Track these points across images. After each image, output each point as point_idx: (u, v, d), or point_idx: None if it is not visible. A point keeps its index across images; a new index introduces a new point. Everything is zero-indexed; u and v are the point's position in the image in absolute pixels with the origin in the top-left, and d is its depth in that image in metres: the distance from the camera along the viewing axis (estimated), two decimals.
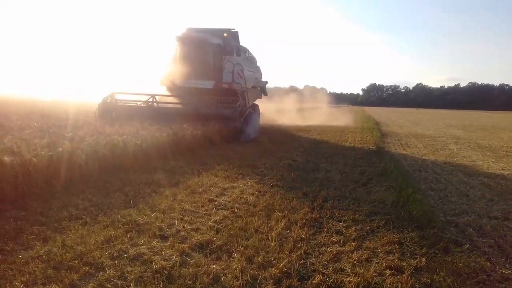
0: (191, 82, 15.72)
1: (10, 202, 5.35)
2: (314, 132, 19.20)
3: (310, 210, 5.87)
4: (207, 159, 9.82)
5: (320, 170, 9.21)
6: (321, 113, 35.97)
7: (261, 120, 21.97)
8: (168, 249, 4.24)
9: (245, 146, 13.03)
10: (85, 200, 5.76)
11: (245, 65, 17.57)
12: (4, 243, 4.15)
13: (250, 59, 19.57)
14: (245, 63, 17.89)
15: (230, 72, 16.14)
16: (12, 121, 11.03)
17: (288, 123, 23.63)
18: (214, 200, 6.21)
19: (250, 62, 19.37)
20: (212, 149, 11.74)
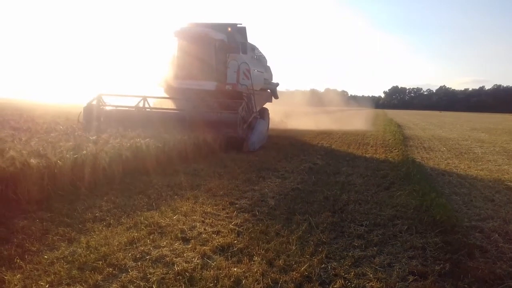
0: (190, 83, 13.87)
1: (36, 204, 5.48)
2: (335, 136, 19.08)
3: (331, 214, 5.84)
4: (228, 162, 9.86)
5: (341, 173, 9.15)
6: (341, 116, 35.73)
7: (280, 124, 21.85)
8: (190, 251, 4.28)
9: (265, 149, 13.04)
10: (108, 202, 5.86)
11: (253, 65, 15.77)
12: (30, 244, 4.25)
13: (259, 58, 17.67)
14: (253, 62, 16.03)
15: (235, 72, 14.10)
16: (38, 125, 11.31)
17: (308, 127, 23.50)
18: (234, 203, 6.23)
19: (258, 61, 17.48)
20: (232, 152, 11.79)
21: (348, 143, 16.12)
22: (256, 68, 16.37)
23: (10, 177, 5.28)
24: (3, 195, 5.22)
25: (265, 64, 18.89)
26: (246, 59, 14.80)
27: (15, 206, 5.30)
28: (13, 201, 5.34)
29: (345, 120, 31.44)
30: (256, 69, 16.17)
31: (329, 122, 27.03)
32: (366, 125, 29.32)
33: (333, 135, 19.14)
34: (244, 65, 14.43)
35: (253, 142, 12.62)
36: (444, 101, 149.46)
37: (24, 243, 4.24)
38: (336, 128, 22.98)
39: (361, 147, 14.71)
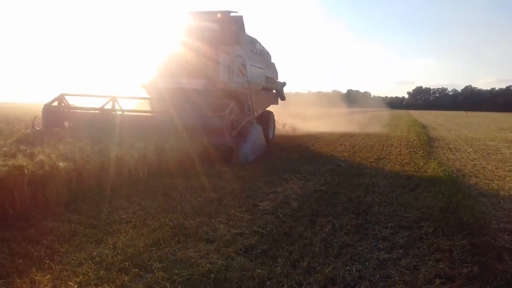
0: (176, 82, 11.72)
1: (65, 206, 5.62)
2: (357, 137, 18.91)
3: (355, 216, 5.80)
4: (250, 165, 9.90)
5: (365, 175, 9.07)
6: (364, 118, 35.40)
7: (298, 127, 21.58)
8: (214, 252, 4.31)
9: (287, 151, 13.02)
10: (134, 204, 5.97)
11: (251, 60, 13.52)
12: (59, 245, 4.36)
13: (260, 54, 15.24)
14: (251, 57, 13.71)
15: (227, 66, 11.93)
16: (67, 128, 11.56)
17: (329, 129, 23.34)
18: (257, 205, 6.25)
19: (259, 56, 14.99)
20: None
21: (371, 144, 15.96)
22: (256, 64, 14.13)
23: (39, 180, 5.43)
24: (33, 197, 5.37)
25: (268, 61, 16.45)
26: (241, 52, 12.56)
27: (44, 208, 5.44)
28: (42, 203, 5.48)
29: (368, 121, 31.14)
30: (255, 65, 13.97)
31: (351, 124, 26.80)
32: (390, 126, 28.97)
33: (356, 137, 18.97)
34: (239, 60, 12.32)
35: (245, 152, 10.36)
36: (469, 101, 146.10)
37: (53, 244, 4.35)
38: (358, 130, 22.76)
39: (385, 149, 14.54)
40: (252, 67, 13.51)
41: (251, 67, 13.32)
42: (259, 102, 14.47)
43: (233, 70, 12.06)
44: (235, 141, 10.48)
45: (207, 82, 11.54)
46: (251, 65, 13.28)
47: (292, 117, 22.82)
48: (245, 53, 12.91)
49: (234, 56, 12.10)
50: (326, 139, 17.57)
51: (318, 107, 34.15)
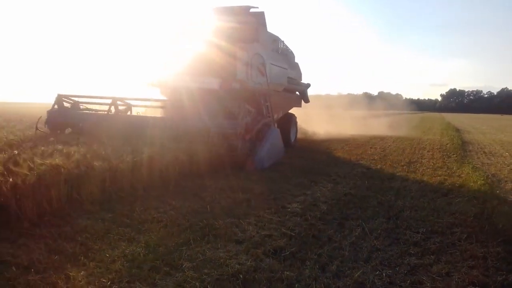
0: (189, 81, 11.06)
1: (99, 204, 5.77)
2: (388, 140, 18.61)
3: (385, 220, 5.72)
4: (279, 167, 9.90)
5: (396, 179, 8.93)
6: (395, 120, 34.81)
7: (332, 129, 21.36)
8: (243, 253, 4.34)
9: (316, 153, 12.96)
10: (165, 204, 6.07)
11: (272, 58, 12.60)
12: (93, 242, 4.48)
13: (283, 53, 14.51)
14: (272, 56, 12.87)
15: (245, 65, 11.12)
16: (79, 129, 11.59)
17: (360, 131, 23.03)
18: (286, 207, 6.26)
19: (282, 56, 14.19)
20: (283, 156, 11.82)
21: (402, 147, 15.68)
22: (277, 63, 13.16)
23: (75, 179, 5.60)
24: (69, 196, 5.54)
25: (292, 61, 15.61)
26: (261, 50, 11.71)
27: (79, 206, 5.61)
28: (77, 201, 5.65)
29: (399, 124, 30.59)
30: (276, 64, 13.01)
31: (382, 126, 26.38)
32: (422, 129, 28.39)
33: (387, 140, 18.68)
34: (258, 58, 11.42)
35: (260, 157, 9.51)
36: (506, 103, 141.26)
37: (87, 242, 4.48)
38: (389, 133, 22.38)
39: (417, 152, 14.26)
40: (273, 67, 12.60)
41: (272, 66, 12.46)
42: (280, 104, 13.71)
43: (251, 69, 11.24)
44: (249, 145, 9.57)
45: (223, 82, 10.86)
46: (271, 64, 12.38)
47: (321, 120, 22.65)
48: (265, 51, 12.13)
49: (253, 54, 11.28)
50: (356, 141, 17.37)
51: (348, 110, 33.79)
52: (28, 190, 4.97)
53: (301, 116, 19.79)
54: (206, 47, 11.23)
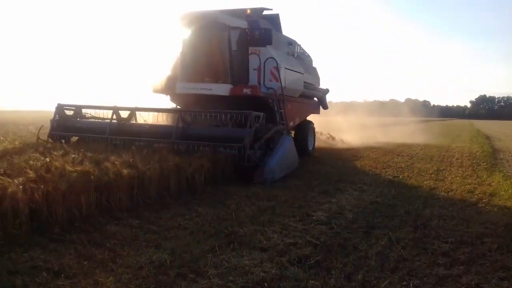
0: (196, 87, 10.54)
1: (127, 211, 5.90)
2: (416, 148, 18.29)
3: (413, 229, 5.63)
4: (304, 174, 9.88)
5: (424, 187, 8.77)
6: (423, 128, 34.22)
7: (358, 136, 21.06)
8: (268, 261, 4.35)
9: (343, 161, 12.86)
10: (191, 211, 6.14)
11: (286, 63, 11.96)
12: (121, 249, 4.57)
13: (299, 57, 13.99)
14: (287, 60, 12.31)
15: (255, 69, 10.69)
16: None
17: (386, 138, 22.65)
18: (311, 215, 6.23)
19: (298, 60, 13.65)
20: (308, 164, 11.78)
21: (430, 155, 15.40)
22: (293, 67, 12.46)
23: (104, 186, 5.74)
24: (98, 202, 5.68)
25: (309, 65, 14.99)
26: (274, 54, 11.07)
27: (108, 213, 5.74)
28: (106, 208, 5.79)
29: (427, 131, 30.03)
30: (292, 69, 12.32)
31: (409, 134, 25.95)
32: (451, 136, 27.81)
33: (414, 147, 18.36)
34: (271, 62, 10.84)
35: (271, 168, 8.69)
36: None
37: (115, 248, 4.57)
38: (417, 140, 21.98)
39: (445, 160, 13.98)
40: (288, 71, 11.91)
41: (287, 71, 11.79)
42: (296, 111, 13.07)
43: (263, 74, 10.80)
44: (259, 155, 8.82)
45: (233, 87, 10.30)
46: (286, 69, 11.72)
47: (346, 127, 22.49)
48: (279, 55, 11.60)
49: (266, 58, 10.78)
50: (383, 148, 17.14)
51: (375, 117, 33.46)
52: (59, 197, 5.12)
53: (324, 123, 19.70)
54: (215, 51, 10.58)
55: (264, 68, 10.70)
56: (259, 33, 10.44)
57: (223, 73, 10.50)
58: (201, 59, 10.72)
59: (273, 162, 8.82)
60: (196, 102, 10.67)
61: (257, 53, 10.71)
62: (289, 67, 12.02)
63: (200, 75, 10.67)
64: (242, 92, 10.23)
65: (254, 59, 10.79)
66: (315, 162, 12.41)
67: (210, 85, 10.46)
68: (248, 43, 10.71)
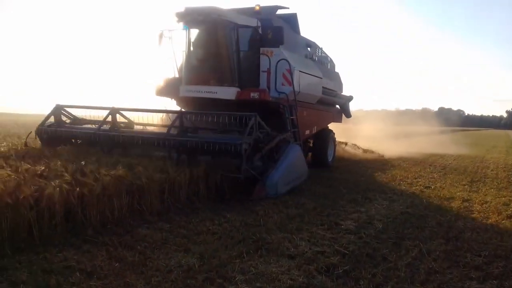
0: (200, 90, 9.74)
1: (157, 215, 6.01)
2: (449, 158, 17.86)
3: (444, 241, 5.51)
4: (332, 182, 9.81)
5: (456, 198, 8.56)
6: (456, 137, 33.39)
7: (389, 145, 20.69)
8: (295, 269, 4.34)
9: (372, 169, 12.68)
10: (220, 216, 6.19)
11: (302, 66, 11.02)
12: (151, 252, 4.66)
13: (319, 60, 13.11)
14: (303, 63, 11.41)
15: (264, 72, 9.85)
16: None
17: (418, 148, 22.15)
18: (340, 224, 6.18)
19: (317, 63, 12.67)
20: (337, 172, 11.69)
21: (464, 166, 15.01)
22: (310, 71, 11.44)
23: (136, 190, 5.88)
24: (130, 206, 5.82)
25: (330, 70, 14.05)
26: (288, 55, 10.10)
27: (139, 216, 5.86)
28: (138, 211, 5.92)
29: (461, 141, 29.31)
30: (309, 73, 11.29)
31: (441, 144, 25.37)
32: (486, 147, 27.02)
33: (447, 157, 17.94)
34: (283, 64, 9.89)
35: (273, 182, 7.75)
36: None
37: (146, 251, 4.67)
38: (450, 150, 21.46)
39: (480, 171, 13.59)
40: (304, 75, 10.87)
41: (302, 74, 10.77)
42: (314, 119, 12.13)
43: (274, 77, 9.90)
44: (260, 166, 7.98)
45: (239, 91, 9.47)
46: (301, 72, 10.70)
47: (377, 136, 22.19)
48: (294, 57, 10.70)
49: (278, 60, 9.83)
50: (415, 158, 16.80)
51: (407, 125, 32.88)
52: (93, 199, 5.29)
53: (354, 131, 19.48)
54: (222, 52, 9.62)
55: (276, 71, 9.86)
56: (269, 33, 9.59)
57: (230, 76, 9.62)
58: (206, 60, 9.94)
59: (276, 176, 7.84)
60: (200, 106, 9.98)
61: (267, 54, 9.83)
62: (305, 70, 11.05)
63: (205, 77, 9.81)
64: (249, 97, 9.40)
65: (263, 60, 9.93)
66: (344, 170, 12.29)
67: (215, 88, 9.60)
68: (258, 43, 9.94)
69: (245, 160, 7.27)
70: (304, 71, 10.95)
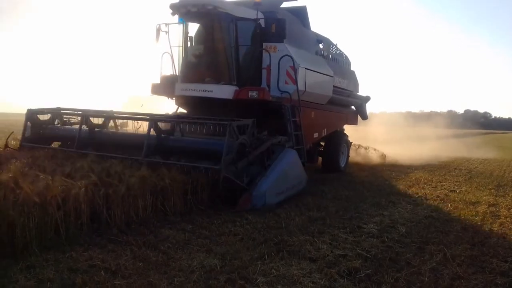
0: (195, 89, 8.98)
1: (180, 216, 6.09)
2: (474, 162, 17.50)
3: (469, 247, 5.41)
4: (356, 185, 9.74)
5: (482, 202, 8.38)
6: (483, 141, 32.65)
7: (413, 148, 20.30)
8: (317, 272, 4.33)
9: (396, 172, 12.50)
10: (241, 218, 6.23)
11: (310, 63, 10.18)
12: (174, 252, 4.73)
13: (333, 57, 12.33)
14: (312, 60, 10.59)
15: (264, 68, 8.99)
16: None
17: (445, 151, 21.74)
18: (362, 227, 6.14)
19: (329, 61, 11.86)
20: (360, 175, 11.60)
21: (490, 169, 14.68)
22: (318, 68, 10.52)
23: (160, 191, 5.98)
24: (154, 206, 5.91)
25: (344, 68, 13.09)
26: (292, 51, 9.33)
27: (163, 217, 5.96)
28: (161, 212, 6.02)
29: (487, 144, 28.65)
30: (317, 70, 10.42)
31: (467, 147, 24.86)
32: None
33: (473, 161, 17.58)
34: (287, 61, 9.11)
35: (261, 192, 6.99)
36: None
37: (169, 251, 4.74)
38: (476, 154, 20.99)
39: (507, 175, 13.27)
40: (311, 73, 10.05)
41: (310, 72, 9.97)
42: (323, 120, 11.37)
43: (276, 75, 9.08)
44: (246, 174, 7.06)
45: (237, 90, 8.70)
46: (308, 70, 9.90)
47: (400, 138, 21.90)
48: (301, 53, 9.91)
49: (281, 56, 9.02)
50: (439, 161, 16.51)
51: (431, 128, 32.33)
52: (118, 200, 5.39)
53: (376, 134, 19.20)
54: (219, 47, 8.93)
55: (278, 68, 9.06)
56: (271, 26, 8.67)
57: (227, 73, 8.89)
58: (202, 55, 9.32)
59: (265, 185, 7.09)
60: (197, 106, 9.39)
61: (267, 50, 8.96)
62: (312, 68, 10.17)
63: (200, 74, 9.11)
64: (247, 96, 8.59)
65: (265, 56, 9.02)
66: (367, 173, 12.18)
67: (211, 87, 8.84)
68: (260, 38, 8.98)
69: (223, 167, 6.48)
70: (312, 68, 10.12)
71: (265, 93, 8.61)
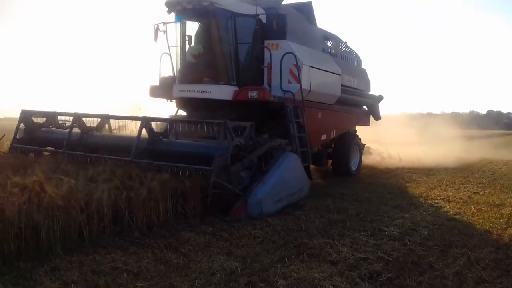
0: (193, 90, 8.69)
1: (200, 219, 6.13)
2: (498, 163, 17.10)
3: (494, 250, 5.30)
4: (377, 187, 9.65)
5: (507, 205, 8.20)
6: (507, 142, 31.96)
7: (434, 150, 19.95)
8: (337, 275, 4.31)
9: (418, 174, 12.32)
10: (261, 221, 6.22)
11: (315, 61, 9.67)
12: (195, 254, 4.77)
13: (342, 55, 11.87)
14: (317, 57, 10.12)
15: (268, 68, 8.60)
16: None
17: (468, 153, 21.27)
18: (383, 230, 6.07)
19: (337, 59, 11.33)
20: (381, 177, 11.48)
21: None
22: (325, 67, 10.06)
23: (180, 194, 6.04)
24: (174, 209, 5.97)
25: (354, 66, 12.65)
26: (296, 48, 8.85)
27: (183, 219, 6.01)
28: (182, 215, 6.07)
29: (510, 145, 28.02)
30: (322, 68, 9.84)
31: (491, 148, 24.33)
32: None
33: (497, 162, 17.19)
34: (290, 59, 8.62)
35: (257, 199, 6.56)
36: None
37: (190, 253, 4.78)
38: (500, 155, 20.51)
39: None
40: (317, 71, 9.54)
41: (315, 70, 9.41)
42: (331, 121, 10.84)
43: (279, 73, 8.60)
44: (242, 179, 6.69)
45: (237, 90, 8.36)
46: (313, 68, 9.34)
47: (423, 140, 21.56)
48: (305, 51, 9.41)
49: (283, 53, 8.56)
50: (462, 163, 16.18)
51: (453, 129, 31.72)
52: (140, 203, 5.47)
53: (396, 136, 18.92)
54: (216, 45, 8.58)
55: (281, 66, 8.55)
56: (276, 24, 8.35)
57: (225, 73, 8.53)
58: (200, 55, 8.99)
59: (261, 192, 6.66)
60: (197, 108, 8.98)
61: (268, 47, 8.58)
62: (318, 66, 9.61)
63: (198, 74, 8.76)
64: (247, 96, 8.21)
65: (267, 54, 8.66)
66: (389, 175, 12.05)
67: (209, 87, 8.52)
68: (260, 34, 8.61)
69: (214, 171, 6.12)
70: (317, 66, 9.56)
71: (265, 93, 8.22)
